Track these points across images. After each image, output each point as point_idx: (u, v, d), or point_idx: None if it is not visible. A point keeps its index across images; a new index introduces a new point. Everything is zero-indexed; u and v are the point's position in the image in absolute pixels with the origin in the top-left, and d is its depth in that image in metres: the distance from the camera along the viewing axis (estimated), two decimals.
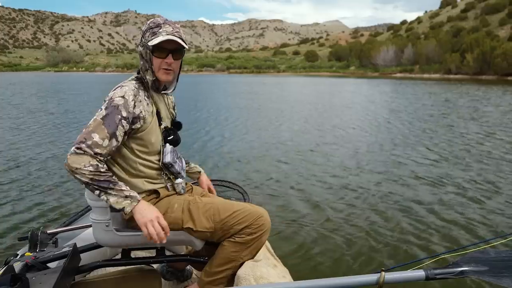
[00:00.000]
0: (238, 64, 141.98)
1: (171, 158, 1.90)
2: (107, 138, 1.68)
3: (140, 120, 1.79)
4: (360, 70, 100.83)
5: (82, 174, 1.62)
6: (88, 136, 1.66)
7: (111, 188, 1.65)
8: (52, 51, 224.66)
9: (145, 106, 1.82)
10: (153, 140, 1.86)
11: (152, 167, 1.89)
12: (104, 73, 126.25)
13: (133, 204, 1.68)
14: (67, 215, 4.42)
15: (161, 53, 1.83)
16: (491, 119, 13.71)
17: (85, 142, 1.64)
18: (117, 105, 1.72)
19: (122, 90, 1.78)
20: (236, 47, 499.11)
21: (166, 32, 1.81)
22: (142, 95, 1.84)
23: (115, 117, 1.70)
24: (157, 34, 1.80)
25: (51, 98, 24.03)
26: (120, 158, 1.84)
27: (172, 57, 1.85)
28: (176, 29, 1.85)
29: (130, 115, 1.75)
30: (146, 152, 1.86)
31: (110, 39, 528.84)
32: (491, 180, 6.36)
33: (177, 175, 1.97)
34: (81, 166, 1.61)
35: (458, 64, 71.24)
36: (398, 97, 25.00)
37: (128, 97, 1.76)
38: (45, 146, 9.12)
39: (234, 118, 14.54)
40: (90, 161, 1.63)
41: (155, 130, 1.88)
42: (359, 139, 10.35)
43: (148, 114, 1.83)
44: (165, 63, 1.84)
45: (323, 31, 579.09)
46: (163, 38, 1.79)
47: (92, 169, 1.62)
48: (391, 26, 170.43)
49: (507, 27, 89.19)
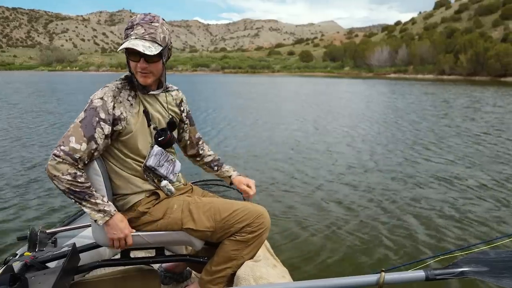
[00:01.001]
0: (233, 64, 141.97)
1: (154, 161, 1.85)
2: (85, 142, 1.67)
3: (122, 121, 1.76)
4: (355, 70, 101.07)
5: (59, 181, 1.64)
6: (66, 140, 1.66)
7: (86, 200, 1.68)
8: (46, 50, 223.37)
9: (127, 107, 1.78)
10: (139, 142, 1.83)
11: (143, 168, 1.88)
12: (98, 73, 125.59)
13: (105, 218, 1.72)
14: (67, 215, 4.40)
15: (134, 57, 1.76)
16: (492, 119, 13.80)
17: (63, 147, 1.64)
18: (95, 107, 1.71)
19: (102, 91, 1.76)
20: (231, 47, 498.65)
21: (136, 35, 1.72)
22: (125, 95, 1.80)
23: (93, 119, 1.69)
24: (128, 37, 1.74)
25: (49, 97, 23.87)
26: (115, 158, 1.83)
27: (146, 61, 1.75)
28: (150, 30, 1.73)
29: (110, 116, 1.72)
30: (135, 154, 1.84)
31: (105, 39, 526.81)
32: (493, 180, 6.37)
33: (161, 178, 1.91)
34: (59, 173, 1.63)
35: (451, 65, 71.68)
36: (397, 97, 25.00)
37: (107, 98, 1.73)
38: (44, 145, 9.07)
39: (231, 118, 14.50)
40: (68, 169, 1.63)
41: (142, 132, 1.84)
42: (361, 139, 10.32)
43: (131, 115, 1.79)
44: (139, 67, 1.77)
45: (318, 31, 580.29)
46: (126, 45, 1.69)
47: (70, 178, 1.63)
48: (386, 26, 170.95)
49: (500, 28, 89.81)
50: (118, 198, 1.87)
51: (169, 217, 1.85)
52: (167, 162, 1.93)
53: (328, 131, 11.66)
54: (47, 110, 16.29)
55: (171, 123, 1.98)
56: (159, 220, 1.86)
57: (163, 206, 1.87)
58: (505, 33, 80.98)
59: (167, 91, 2.01)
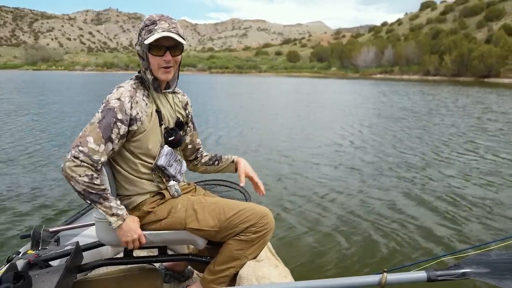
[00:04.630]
0: (220, 64, 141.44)
1: (165, 160, 1.88)
2: (103, 143, 1.68)
3: (137, 121, 1.78)
4: (341, 71, 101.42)
5: (76, 183, 1.64)
6: (83, 140, 1.67)
7: (100, 203, 1.69)
8: (31, 49, 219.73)
9: (142, 107, 1.81)
10: (150, 141, 1.85)
11: (151, 168, 1.89)
12: (83, 72, 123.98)
13: (118, 222, 1.74)
14: (70, 214, 4.39)
15: (158, 51, 1.79)
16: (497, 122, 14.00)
17: (81, 148, 1.65)
18: (113, 107, 1.72)
19: (118, 91, 1.77)
20: (219, 47, 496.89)
21: (162, 28, 1.76)
22: (140, 95, 1.82)
23: (111, 120, 1.70)
24: (152, 31, 1.77)
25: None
26: (122, 159, 1.84)
27: (170, 54, 1.81)
28: (173, 25, 1.80)
29: (127, 117, 1.74)
30: (144, 154, 1.86)
31: (91, 38, 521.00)
32: (494, 182, 6.39)
33: (170, 178, 1.94)
34: (76, 175, 1.63)
35: (436, 65, 72.37)
36: (391, 97, 25.24)
37: (124, 98, 1.75)
38: (45, 142, 9.01)
39: (229, 118, 14.44)
40: (85, 171, 1.64)
41: (154, 131, 1.87)
42: (361, 140, 10.32)
43: (146, 115, 1.82)
44: (163, 61, 1.81)
45: (306, 31, 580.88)
46: (158, 35, 1.74)
47: (87, 180, 1.64)
48: (373, 27, 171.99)
49: (485, 29, 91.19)
50: (123, 198, 1.88)
51: (173, 217, 1.86)
52: (176, 162, 1.95)
53: (328, 131, 11.68)
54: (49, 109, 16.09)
55: (179, 123, 2.01)
56: (163, 219, 1.87)
57: (167, 205, 1.89)
58: (489, 34, 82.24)
59: (174, 92, 2.04)
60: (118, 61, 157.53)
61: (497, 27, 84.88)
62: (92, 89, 34.09)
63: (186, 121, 2.12)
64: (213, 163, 2.25)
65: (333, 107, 19.73)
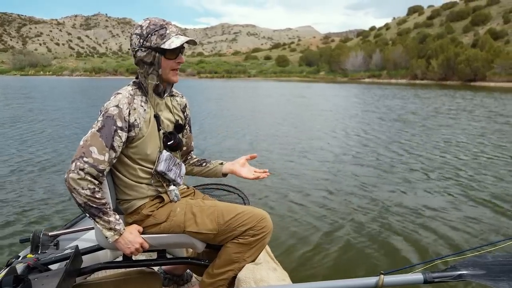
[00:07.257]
0: (209, 68, 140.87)
1: (165, 166, 1.90)
2: (107, 151, 1.70)
3: (135, 128, 1.79)
4: (330, 75, 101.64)
5: (78, 195, 1.66)
6: (86, 150, 1.67)
7: (100, 217, 1.71)
8: (19, 55, 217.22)
9: (140, 113, 1.82)
10: (149, 147, 1.86)
11: (150, 173, 1.91)
12: (71, 77, 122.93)
13: (115, 237, 1.75)
14: (69, 218, 4.37)
15: (172, 54, 1.83)
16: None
17: (86, 159, 1.65)
18: (112, 115, 1.73)
19: (116, 98, 1.78)
20: (208, 51, 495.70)
21: (174, 33, 1.82)
22: (138, 101, 1.83)
23: (111, 128, 1.71)
24: (167, 36, 1.79)
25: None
26: (121, 164, 1.86)
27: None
28: (178, 29, 1.87)
29: (126, 123, 1.76)
30: (143, 159, 1.87)
31: (80, 43, 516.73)
32: (491, 184, 6.46)
33: (170, 183, 1.96)
34: (79, 187, 1.64)
35: (424, 69, 72.91)
36: (389, 101, 25.41)
37: (122, 105, 1.76)
38: (47, 147, 8.99)
39: (228, 122, 14.50)
40: (88, 184, 1.66)
41: (153, 136, 1.88)
42: (359, 143, 10.40)
43: (144, 121, 1.83)
44: (176, 64, 1.86)
45: (296, 36, 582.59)
46: (181, 41, 1.79)
47: (89, 193, 1.65)
48: (361, 32, 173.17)
49: (471, 34, 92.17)
50: (122, 202, 1.90)
51: (172, 220, 1.89)
52: (175, 166, 1.97)
53: (328, 131, 11.78)
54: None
55: (178, 126, 2.02)
56: (162, 223, 1.89)
57: (166, 209, 1.91)
58: (475, 38, 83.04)
59: (172, 95, 2.05)
60: (106, 66, 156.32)
61: (483, 32, 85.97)
62: (79, 94, 33.86)
63: (184, 123, 2.13)
64: (200, 164, 2.27)
65: (335, 111, 19.82)
